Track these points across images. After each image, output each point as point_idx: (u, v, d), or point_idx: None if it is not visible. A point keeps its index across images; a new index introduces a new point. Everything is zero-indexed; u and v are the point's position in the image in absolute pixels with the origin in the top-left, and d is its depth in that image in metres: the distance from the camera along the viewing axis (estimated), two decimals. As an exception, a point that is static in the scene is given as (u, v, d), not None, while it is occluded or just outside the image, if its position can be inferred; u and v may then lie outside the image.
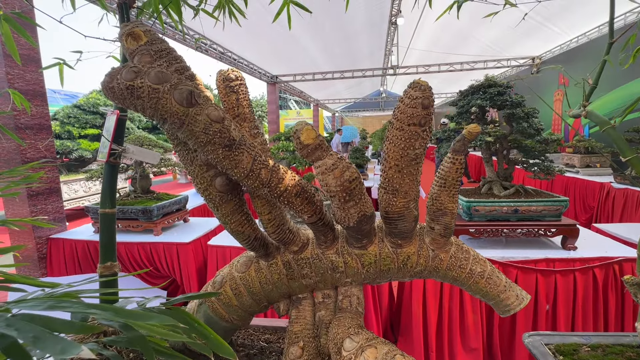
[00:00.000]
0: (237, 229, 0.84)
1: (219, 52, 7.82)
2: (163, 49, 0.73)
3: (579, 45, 7.48)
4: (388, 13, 7.58)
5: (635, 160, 0.99)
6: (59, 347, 0.32)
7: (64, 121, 11.99)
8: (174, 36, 5.83)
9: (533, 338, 1.12)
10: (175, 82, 0.62)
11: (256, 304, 0.92)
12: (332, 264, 0.87)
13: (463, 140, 0.78)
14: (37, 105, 2.86)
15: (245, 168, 0.70)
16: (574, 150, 5.41)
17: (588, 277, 2.03)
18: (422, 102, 0.66)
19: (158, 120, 0.63)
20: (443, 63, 10.05)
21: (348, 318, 0.81)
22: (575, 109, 1.18)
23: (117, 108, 0.94)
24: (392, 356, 0.62)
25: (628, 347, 1.03)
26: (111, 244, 0.92)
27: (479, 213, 2.21)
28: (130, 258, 2.83)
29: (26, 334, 0.33)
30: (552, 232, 2.18)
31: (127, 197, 3.10)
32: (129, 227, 2.92)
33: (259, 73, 10.33)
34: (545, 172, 2.28)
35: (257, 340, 1.09)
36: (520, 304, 0.78)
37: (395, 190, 0.75)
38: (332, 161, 0.69)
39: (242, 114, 0.82)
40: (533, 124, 2.32)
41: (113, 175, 0.92)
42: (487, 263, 0.84)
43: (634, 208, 3.72)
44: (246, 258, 0.94)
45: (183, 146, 0.76)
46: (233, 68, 0.83)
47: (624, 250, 2.14)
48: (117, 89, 0.60)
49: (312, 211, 0.78)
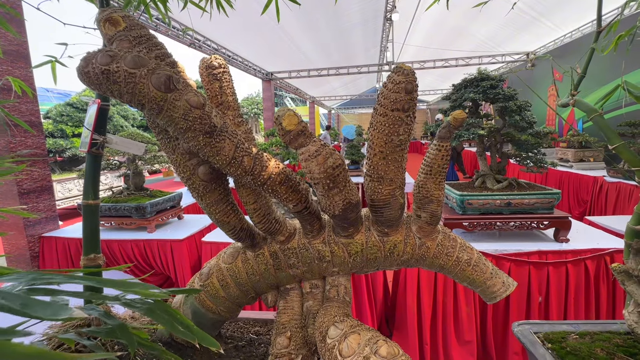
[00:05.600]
0: (222, 219, 0.83)
1: (213, 49, 7.76)
2: (143, 35, 0.71)
3: (572, 40, 7.51)
4: (383, 9, 7.56)
5: (622, 148, 0.99)
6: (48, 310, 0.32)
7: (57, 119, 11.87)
8: (166, 32, 5.78)
9: (522, 327, 1.12)
10: (153, 66, 0.61)
11: (243, 295, 0.92)
12: (319, 254, 0.86)
13: (448, 126, 0.77)
14: (27, 102, 2.82)
15: (227, 155, 0.69)
16: (568, 144, 5.44)
17: (580, 269, 2.05)
18: (406, 87, 0.66)
19: (136, 105, 0.61)
20: (438, 59, 10.05)
21: (335, 307, 0.81)
22: (564, 98, 1.18)
23: (99, 97, 0.92)
24: (375, 342, 0.62)
25: (615, 334, 1.04)
26: (94, 235, 0.91)
27: (473, 206, 2.22)
28: (123, 255, 2.82)
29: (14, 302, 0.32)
30: (545, 224, 2.19)
31: (120, 194, 3.07)
32: (122, 225, 2.90)
33: (253, 70, 10.27)
34: (538, 165, 2.29)
35: (246, 332, 1.09)
36: (506, 291, 0.78)
37: (381, 177, 0.74)
38: (315, 148, 0.68)
39: (225, 102, 0.81)
40: (525, 117, 2.32)
41: (95, 166, 0.91)
42: (474, 250, 0.84)
43: (627, 201, 3.75)
44: (233, 249, 0.94)
45: (164, 134, 0.74)
46: (216, 55, 0.81)
47: (615, 241, 2.16)
48: (93, 74, 0.58)
49: (297, 200, 0.77)
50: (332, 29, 8.15)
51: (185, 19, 5.80)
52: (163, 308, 0.46)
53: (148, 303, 0.46)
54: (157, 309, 0.45)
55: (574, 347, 0.98)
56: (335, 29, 8.24)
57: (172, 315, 0.44)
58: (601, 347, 0.96)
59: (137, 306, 0.44)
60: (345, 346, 0.65)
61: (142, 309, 0.44)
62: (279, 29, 7.31)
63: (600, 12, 1.18)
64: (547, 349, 1.00)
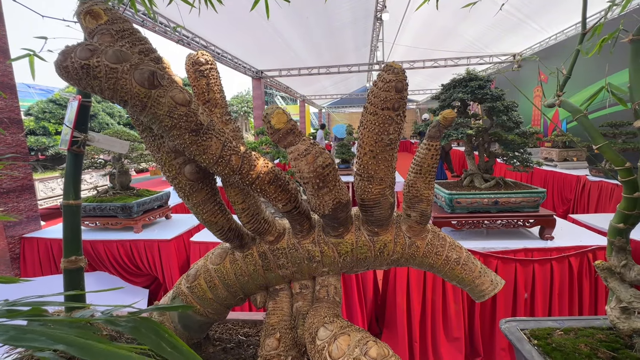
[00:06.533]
0: (209, 219, 0.81)
1: (202, 46, 7.65)
2: (125, 29, 0.69)
3: (557, 42, 7.69)
4: (373, 8, 7.58)
5: (606, 148, 1.01)
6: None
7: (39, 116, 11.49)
8: (153, 28, 5.66)
9: (509, 324, 1.14)
10: (135, 61, 0.59)
11: (232, 296, 0.90)
12: (308, 254, 0.85)
13: (438, 126, 0.77)
14: (6, 98, 2.72)
15: (215, 154, 0.67)
16: (553, 144, 5.57)
17: (564, 266, 2.10)
18: (396, 86, 0.65)
19: (118, 102, 0.59)
20: (427, 59, 10.16)
21: (325, 308, 0.80)
22: (550, 98, 1.20)
23: (80, 93, 0.89)
24: (365, 342, 0.61)
25: (598, 329, 1.06)
26: (76, 237, 0.87)
27: (461, 205, 2.25)
28: (109, 256, 2.75)
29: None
30: (531, 222, 2.24)
31: (105, 193, 3.00)
32: (107, 225, 2.83)
33: (243, 68, 10.17)
34: (524, 165, 2.33)
35: (235, 334, 1.07)
36: (494, 289, 0.79)
37: (371, 177, 0.73)
38: (304, 146, 0.67)
39: (213, 99, 0.79)
40: (512, 117, 2.36)
41: (77, 165, 0.87)
42: (463, 249, 0.84)
43: (608, 199, 3.86)
44: (221, 250, 0.92)
45: (149, 132, 0.72)
46: (203, 51, 0.79)
47: (598, 239, 2.22)
48: (72, 68, 0.56)
49: (287, 199, 0.76)
50: (322, 27, 8.13)
51: (173, 14, 5.69)
52: (150, 327, 0.43)
53: (133, 321, 0.43)
54: (143, 327, 0.43)
55: (559, 343, 1.00)
56: (325, 28, 8.23)
57: (159, 334, 0.42)
58: (585, 343, 0.99)
59: (121, 325, 0.42)
60: (335, 348, 0.64)
61: (127, 328, 0.42)
62: (269, 27, 7.25)
63: (585, 14, 1.20)
64: (534, 345, 1.01)
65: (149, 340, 0.40)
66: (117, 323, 0.43)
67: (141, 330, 0.43)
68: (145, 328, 0.43)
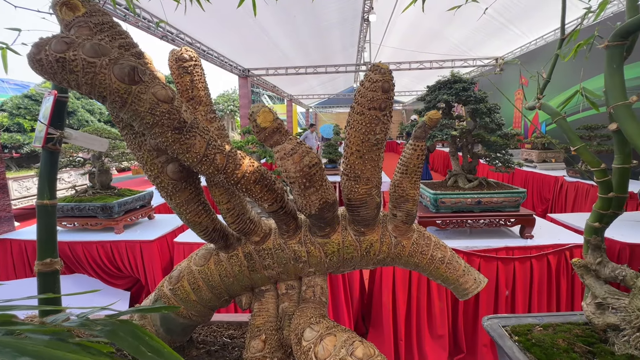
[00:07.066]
0: (193, 219, 0.79)
1: (187, 42, 7.49)
2: (105, 22, 0.66)
3: (537, 47, 7.95)
4: (360, 9, 7.63)
5: (582, 150, 1.05)
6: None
7: (14, 112, 10.98)
8: (136, 23, 5.51)
9: (491, 321, 1.16)
10: (115, 56, 0.56)
11: (216, 298, 0.88)
12: (294, 254, 0.84)
13: (424, 126, 0.78)
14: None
15: (198, 153, 0.65)
16: (533, 146, 5.75)
17: (543, 263, 2.17)
18: (383, 86, 0.65)
19: (96, 97, 0.57)
20: (414, 61, 10.30)
21: (311, 308, 0.79)
22: (531, 101, 1.23)
23: (56, 88, 0.85)
24: (351, 343, 0.61)
25: (575, 324, 1.10)
26: (51, 238, 0.84)
27: (445, 205, 2.28)
28: (88, 258, 2.65)
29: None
30: (512, 222, 2.30)
31: (84, 193, 2.89)
32: (86, 225, 2.74)
33: (229, 66, 10.03)
34: (506, 165, 2.40)
35: (219, 336, 1.05)
36: (477, 287, 0.81)
37: (357, 176, 0.73)
38: (291, 146, 0.67)
39: (197, 96, 0.77)
40: (495, 119, 2.42)
41: (52, 163, 0.83)
42: (447, 248, 0.85)
43: (584, 199, 4.02)
44: (205, 250, 0.90)
45: (129, 129, 0.70)
46: (187, 47, 0.77)
47: (575, 237, 2.30)
48: (46, 62, 0.53)
49: (273, 199, 0.75)
50: (310, 27, 8.12)
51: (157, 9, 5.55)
52: (129, 330, 0.41)
53: (111, 324, 0.41)
54: (121, 331, 0.41)
55: (539, 338, 1.03)
56: (313, 27, 8.22)
57: (138, 337, 0.40)
58: (563, 338, 1.02)
59: (97, 329, 0.40)
60: (321, 348, 0.64)
61: (103, 332, 0.39)
62: (256, 25, 7.19)
63: (563, 21, 1.24)
64: (515, 341, 1.04)
65: (127, 344, 0.38)
66: (93, 327, 0.41)
67: (119, 333, 0.41)
68: (123, 331, 0.41)
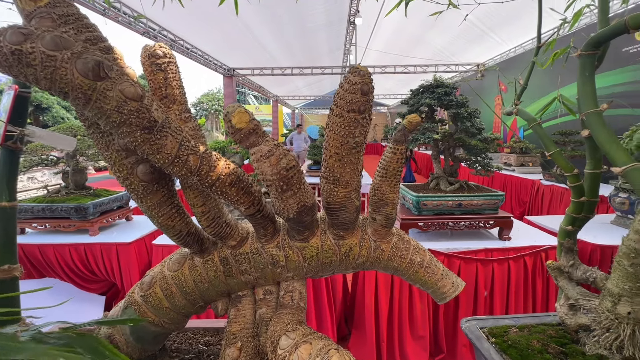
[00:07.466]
0: (166, 222, 0.76)
1: (170, 40, 7.33)
2: (70, 13, 0.62)
3: (516, 54, 8.23)
4: (347, 12, 7.68)
5: (557, 155, 1.08)
6: None
7: (-17, 108, 10.43)
8: (116, 18, 5.33)
9: (470, 323, 1.18)
10: (79, 50, 0.53)
11: (190, 304, 0.85)
12: (272, 259, 0.82)
13: (403, 130, 0.78)
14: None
15: (170, 154, 0.62)
16: (511, 150, 5.94)
17: (520, 265, 2.23)
18: (362, 88, 0.64)
19: (57, 93, 0.53)
20: (398, 65, 10.47)
21: (288, 314, 0.77)
22: (509, 107, 1.26)
23: (17, 83, 0.80)
24: (327, 351, 0.60)
25: (549, 325, 1.13)
26: (10, 243, 0.78)
27: (427, 207, 2.31)
28: (60, 262, 2.53)
29: None
30: (491, 224, 2.36)
31: (56, 193, 2.76)
32: (58, 227, 2.61)
33: (214, 65, 9.88)
34: (485, 169, 2.45)
35: (195, 343, 1.01)
36: (455, 291, 0.81)
37: (336, 180, 0.72)
38: (267, 148, 0.65)
39: (171, 95, 0.74)
40: (475, 124, 2.48)
41: (12, 163, 0.78)
42: (426, 252, 0.85)
43: (559, 202, 4.17)
44: (179, 255, 0.86)
45: (96, 128, 0.66)
46: (161, 43, 0.74)
47: (550, 239, 2.38)
48: (1, 54, 0.49)
49: (250, 202, 0.73)
50: (296, 27, 8.11)
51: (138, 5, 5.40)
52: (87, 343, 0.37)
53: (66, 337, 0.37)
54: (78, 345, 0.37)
55: (514, 340, 1.05)
56: (299, 28, 8.21)
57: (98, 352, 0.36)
58: (537, 339, 1.04)
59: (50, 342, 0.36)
60: (296, 357, 0.62)
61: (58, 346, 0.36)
62: (241, 24, 7.11)
63: (540, 30, 1.28)
64: (491, 343, 1.05)
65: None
66: (45, 341, 0.37)
67: (75, 348, 0.37)
68: (81, 345, 0.38)
